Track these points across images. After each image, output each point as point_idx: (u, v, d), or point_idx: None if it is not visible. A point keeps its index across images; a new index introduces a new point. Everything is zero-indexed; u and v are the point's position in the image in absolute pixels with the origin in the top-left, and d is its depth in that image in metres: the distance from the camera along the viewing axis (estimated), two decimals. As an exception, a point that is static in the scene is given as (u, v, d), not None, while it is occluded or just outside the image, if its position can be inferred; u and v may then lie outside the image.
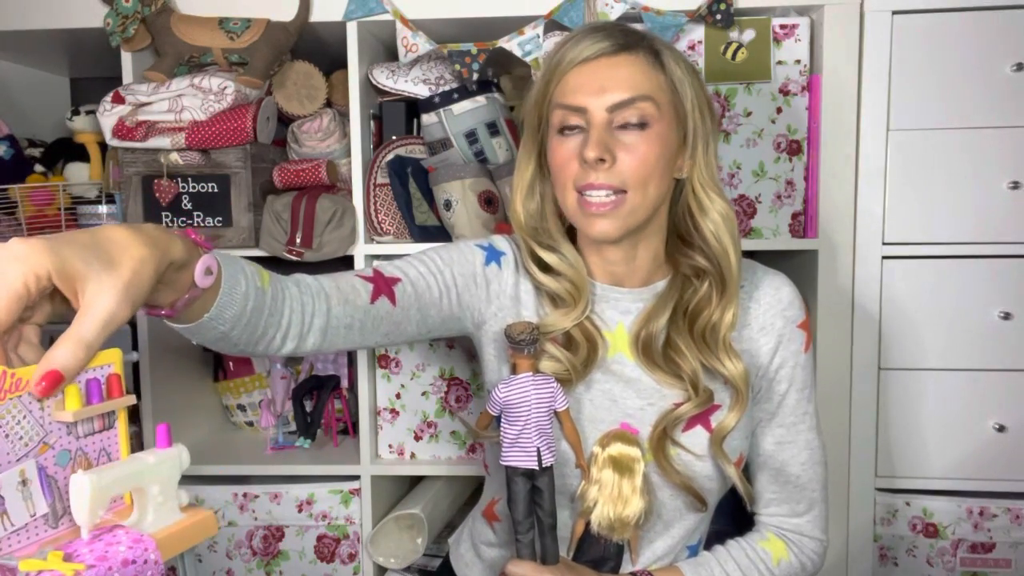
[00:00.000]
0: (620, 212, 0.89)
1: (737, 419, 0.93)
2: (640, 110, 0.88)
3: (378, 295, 0.91)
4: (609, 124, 0.89)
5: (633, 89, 0.88)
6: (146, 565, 0.62)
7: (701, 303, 0.95)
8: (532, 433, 0.88)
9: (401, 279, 0.94)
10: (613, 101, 0.88)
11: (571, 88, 0.90)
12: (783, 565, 0.99)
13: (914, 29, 1.26)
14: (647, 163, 0.89)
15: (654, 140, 0.89)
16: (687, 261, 0.97)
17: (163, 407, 1.46)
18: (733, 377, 0.93)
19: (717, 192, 0.94)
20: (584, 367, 0.95)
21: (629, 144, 0.89)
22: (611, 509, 0.91)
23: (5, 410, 0.59)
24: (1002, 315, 1.28)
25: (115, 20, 1.32)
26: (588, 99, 0.89)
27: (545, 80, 0.93)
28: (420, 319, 0.96)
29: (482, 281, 1.00)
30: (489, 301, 1.01)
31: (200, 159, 1.35)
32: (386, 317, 0.92)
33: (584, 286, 0.97)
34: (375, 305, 0.91)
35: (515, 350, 0.90)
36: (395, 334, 0.95)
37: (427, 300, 0.96)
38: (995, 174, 1.26)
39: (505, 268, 1.02)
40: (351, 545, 1.44)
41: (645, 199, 0.90)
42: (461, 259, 1.00)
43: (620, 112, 0.88)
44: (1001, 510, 1.30)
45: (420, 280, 0.95)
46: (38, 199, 1.47)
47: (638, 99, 0.88)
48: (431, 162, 1.39)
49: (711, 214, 0.94)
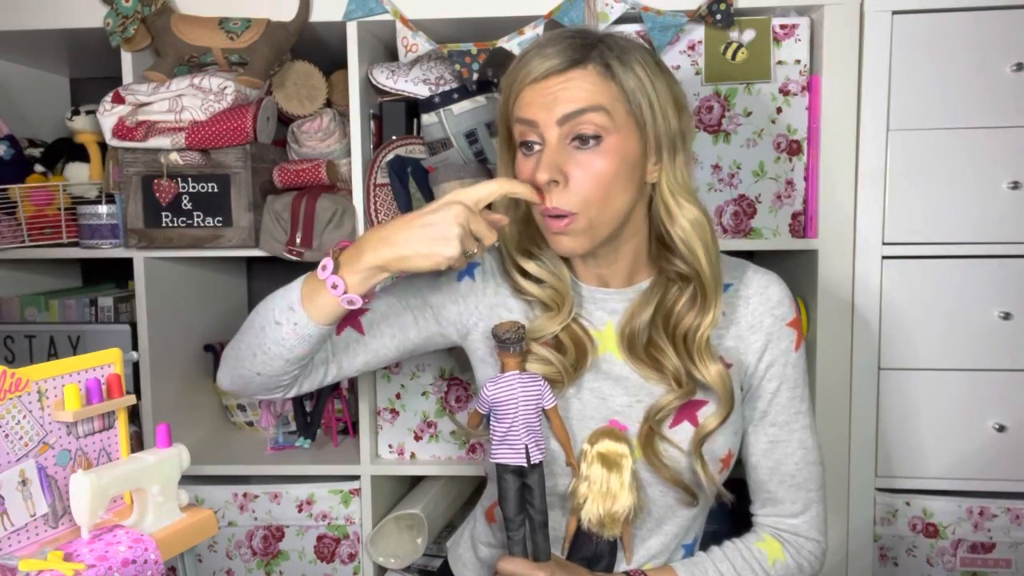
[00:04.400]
0: (578, 228, 0.90)
1: (720, 420, 0.94)
2: (592, 121, 0.88)
3: (343, 327, 1.01)
4: (563, 140, 0.89)
5: (584, 100, 0.88)
6: (146, 565, 0.62)
7: (682, 310, 0.95)
8: (520, 430, 0.90)
9: (368, 309, 1.02)
10: (563, 112, 0.88)
11: (525, 103, 0.91)
12: (779, 566, 0.98)
13: (914, 29, 1.26)
14: (602, 180, 0.88)
15: (609, 154, 0.88)
16: (669, 266, 0.96)
17: (163, 407, 1.46)
18: (708, 380, 0.93)
19: (687, 197, 0.93)
20: (575, 369, 0.96)
21: (583, 161, 0.88)
22: (600, 505, 0.91)
23: (5, 410, 0.59)
24: (1002, 315, 1.28)
25: (115, 20, 1.32)
26: (539, 113, 0.89)
27: (504, 96, 0.94)
28: (398, 343, 1.03)
29: (458, 296, 1.04)
30: (469, 313, 1.03)
31: (200, 159, 1.35)
32: (356, 345, 1.02)
33: (567, 292, 0.97)
34: (342, 336, 1.01)
35: (501, 349, 0.92)
36: (375, 361, 1.04)
37: (401, 324, 1.03)
38: (995, 174, 1.26)
39: (480, 279, 1.04)
40: (351, 545, 1.44)
41: (603, 214, 0.90)
42: (432, 280, 1.04)
43: (571, 124, 0.88)
44: (1001, 510, 1.30)
45: (389, 309, 1.03)
46: (38, 199, 1.48)
47: (588, 110, 0.88)
48: (431, 162, 1.40)
49: (679, 220, 0.93)
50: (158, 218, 1.37)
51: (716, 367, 0.93)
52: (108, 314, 1.66)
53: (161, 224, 1.37)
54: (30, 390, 0.61)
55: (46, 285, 1.77)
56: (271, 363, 0.93)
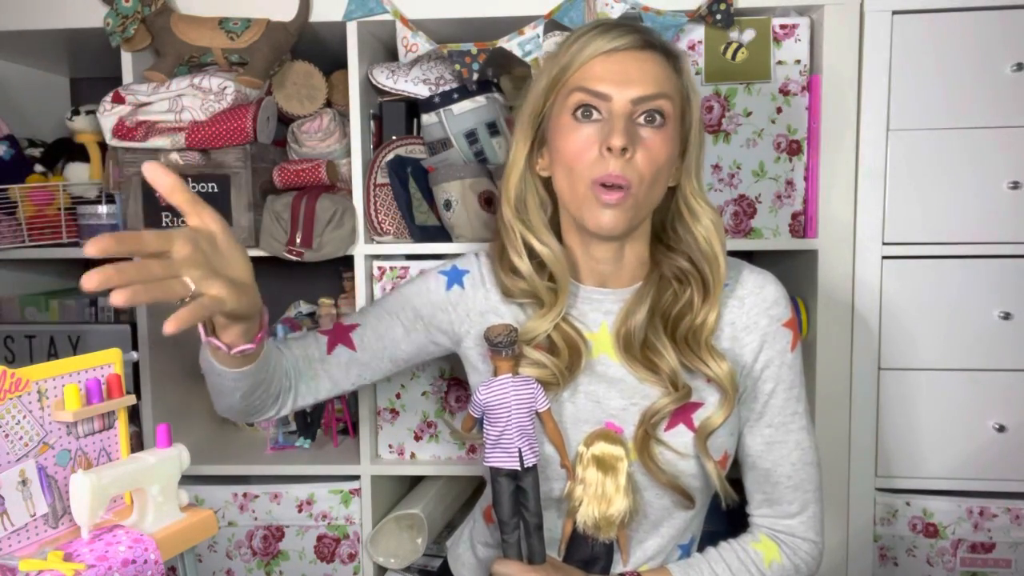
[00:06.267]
0: (627, 204, 0.90)
1: (724, 417, 0.94)
2: (661, 107, 0.90)
3: (334, 345, 1.03)
4: (630, 116, 0.89)
5: (657, 85, 0.90)
6: (146, 565, 0.62)
7: (683, 309, 0.96)
8: (513, 434, 0.89)
9: (359, 324, 1.05)
10: (639, 94, 0.89)
11: (596, 75, 0.90)
12: (775, 567, 0.98)
13: (914, 29, 1.26)
14: (659, 160, 0.90)
15: (667, 139, 0.91)
16: (670, 263, 0.97)
17: (163, 407, 1.46)
18: (718, 377, 0.93)
19: (707, 200, 0.97)
20: (570, 371, 0.95)
21: (646, 139, 0.90)
22: (596, 508, 0.91)
23: (5, 410, 0.59)
24: (1002, 315, 1.28)
25: (115, 20, 1.32)
26: (613, 88, 0.89)
27: (562, 66, 0.92)
28: (391, 356, 1.05)
29: (448, 306, 1.04)
30: (461, 321, 1.04)
31: (200, 159, 1.35)
32: (350, 362, 1.04)
33: (565, 280, 0.97)
34: (333, 355, 1.03)
35: (494, 352, 0.92)
36: (369, 374, 1.06)
37: (392, 338, 1.05)
38: (995, 174, 1.26)
39: (469, 287, 1.04)
40: (351, 545, 1.44)
41: (648, 197, 0.92)
42: (423, 290, 1.06)
43: (642, 106, 0.89)
44: (1001, 510, 1.30)
45: (380, 323, 1.05)
46: (38, 199, 1.47)
47: (661, 96, 0.90)
48: (431, 162, 1.40)
49: (703, 220, 0.96)
50: (158, 218, 1.36)
51: (726, 364, 0.94)
52: (108, 314, 1.66)
53: (161, 224, 1.36)
54: (30, 390, 0.61)
55: (46, 285, 1.77)
56: (230, 399, 0.94)
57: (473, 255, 1.08)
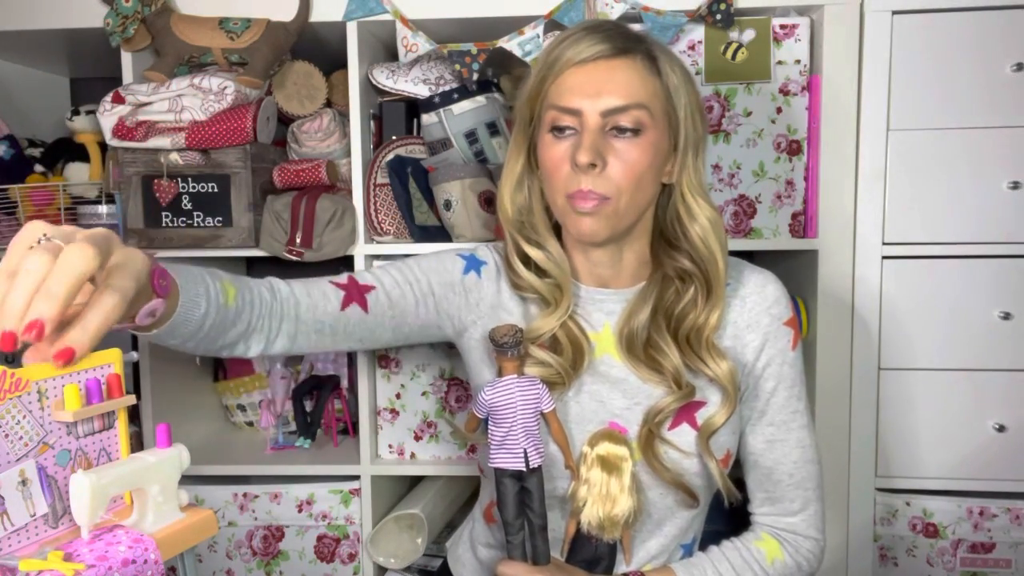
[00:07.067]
0: (605, 213, 0.90)
1: (726, 416, 0.94)
2: (634, 117, 0.88)
3: (349, 302, 0.97)
4: (602, 128, 0.89)
5: (629, 96, 0.88)
6: (146, 565, 0.62)
7: (686, 308, 0.95)
8: (519, 435, 0.89)
9: (375, 287, 0.99)
10: (608, 106, 0.88)
11: (566, 88, 0.90)
12: (777, 565, 0.99)
13: (914, 29, 1.26)
14: (636, 170, 0.89)
15: (646, 147, 0.89)
16: (672, 263, 0.97)
17: (163, 407, 1.46)
18: (719, 377, 0.94)
19: (705, 198, 0.95)
20: (573, 370, 0.95)
21: (620, 150, 0.89)
22: (600, 508, 0.91)
23: (5, 410, 0.59)
24: (1002, 315, 1.28)
25: (115, 20, 1.32)
26: (583, 102, 0.89)
27: (540, 77, 0.93)
28: (395, 326, 1.01)
29: (461, 290, 1.03)
30: (469, 309, 1.03)
31: (200, 159, 1.35)
32: (359, 324, 0.98)
33: (567, 284, 0.97)
34: (345, 312, 0.97)
35: (499, 353, 0.91)
36: (370, 340, 1.01)
37: (402, 308, 1.00)
38: (995, 174, 1.26)
39: (485, 278, 1.03)
40: (351, 545, 1.44)
41: (631, 205, 0.91)
42: (440, 268, 1.03)
43: (614, 117, 0.88)
44: (1001, 510, 1.30)
45: (395, 288, 1.00)
46: (38, 199, 1.47)
47: (633, 107, 0.88)
48: (431, 162, 1.39)
49: (700, 219, 0.94)
50: (158, 218, 1.36)
51: (727, 363, 0.94)
52: (108, 314, 1.66)
53: (161, 224, 1.36)
54: (30, 390, 0.61)
55: (46, 285, 1.77)
56: (194, 350, 0.86)
57: (488, 248, 1.07)
